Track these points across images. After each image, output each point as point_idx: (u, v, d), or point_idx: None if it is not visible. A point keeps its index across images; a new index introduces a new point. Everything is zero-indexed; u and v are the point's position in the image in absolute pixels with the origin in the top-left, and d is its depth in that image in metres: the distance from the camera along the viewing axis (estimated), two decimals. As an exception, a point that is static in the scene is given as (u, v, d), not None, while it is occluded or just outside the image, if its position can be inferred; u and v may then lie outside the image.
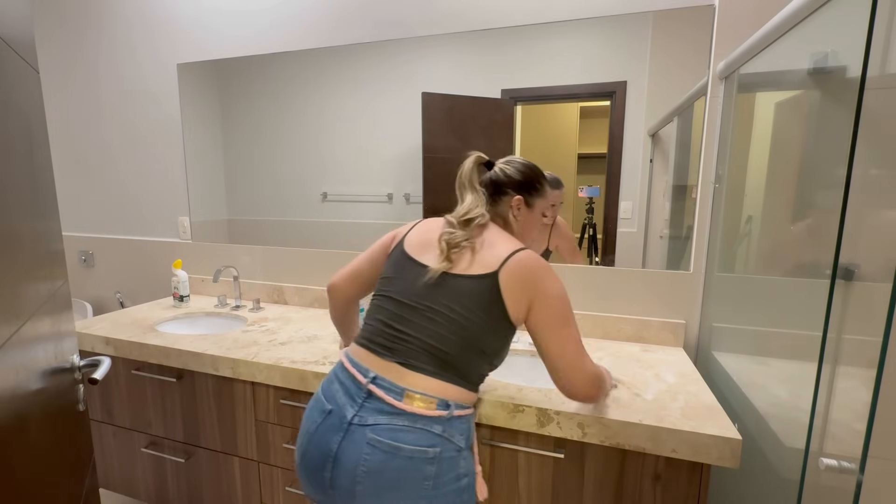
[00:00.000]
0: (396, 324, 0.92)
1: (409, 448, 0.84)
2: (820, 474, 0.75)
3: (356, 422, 0.86)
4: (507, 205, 1.01)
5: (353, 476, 0.84)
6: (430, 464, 0.84)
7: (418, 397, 0.86)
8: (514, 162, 1.04)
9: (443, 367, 0.89)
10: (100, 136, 2.18)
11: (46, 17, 2.16)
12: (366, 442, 0.84)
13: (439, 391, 0.88)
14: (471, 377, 0.92)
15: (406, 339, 0.90)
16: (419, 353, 0.89)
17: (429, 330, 0.89)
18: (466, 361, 0.90)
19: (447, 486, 0.85)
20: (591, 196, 1.54)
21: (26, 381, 0.63)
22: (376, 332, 0.94)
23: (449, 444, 0.86)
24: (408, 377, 0.88)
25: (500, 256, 0.91)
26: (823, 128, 0.89)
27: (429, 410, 0.86)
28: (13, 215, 0.62)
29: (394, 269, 0.99)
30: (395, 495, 0.84)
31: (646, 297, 1.49)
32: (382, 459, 0.83)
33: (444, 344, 0.89)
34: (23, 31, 0.73)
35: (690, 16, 1.35)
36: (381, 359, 0.91)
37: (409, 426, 0.85)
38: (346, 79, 1.75)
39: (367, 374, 0.89)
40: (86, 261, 2.30)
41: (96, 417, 1.62)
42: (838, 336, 0.74)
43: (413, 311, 0.91)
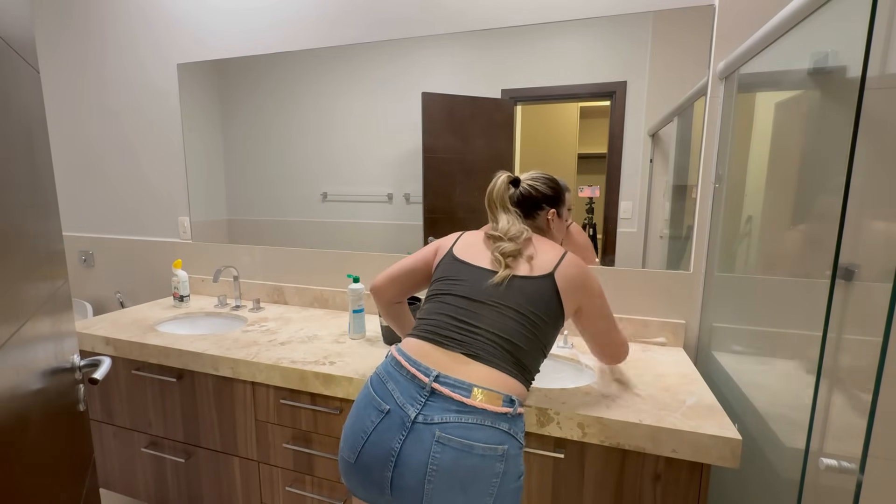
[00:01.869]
0: (466, 318, 0.94)
1: (481, 446, 0.83)
2: (820, 474, 0.75)
3: (421, 420, 0.84)
4: (544, 218, 1.10)
5: (422, 475, 0.82)
6: (500, 461, 0.84)
7: (485, 392, 0.86)
8: (540, 178, 1.11)
9: (510, 361, 0.90)
10: (100, 136, 2.18)
11: (47, 17, 2.16)
12: (434, 440, 0.83)
13: (504, 386, 0.88)
14: (531, 373, 0.95)
15: (477, 332, 0.92)
16: (489, 346, 0.90)
17: (500, 324, 0.92)
18: (531, 356, 0.94)
19: (511, 483, 0.85)
20: (591, 196, 1.54)
21: (26, 381, 0.63)
22: (442, 325, 0.94)
23: (515, 441, 0.86)
24: (474, 370, 0.88)
25: (553, 259, 0.99)
26: (823, 128, 0.89)
27: (497, 407, 0.86)
28: (13, 215, 0.62)
29: (452, 272, 1.02)
30: (465, 493, 0.83)
31: (646, 297, 1.49)
32: (454, 458, 0.82)
33: (515, 337, 0.92)
34: (23, 31, 0.73)
35: (690, 16, 1.35)
36: (446, 350, 0.91)
37: (480, 423, 0.84)
38: (346, 79, 1.75)
39: (429, 373, 0.88)
40: (86, 261, 2.30)
41: (96, 417, 1.62)
42: (838, 336, 0.74)
43: (483, 307, 0.94)
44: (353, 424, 0.91)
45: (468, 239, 1.08)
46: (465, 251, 1.05)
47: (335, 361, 1.30)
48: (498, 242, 1.00)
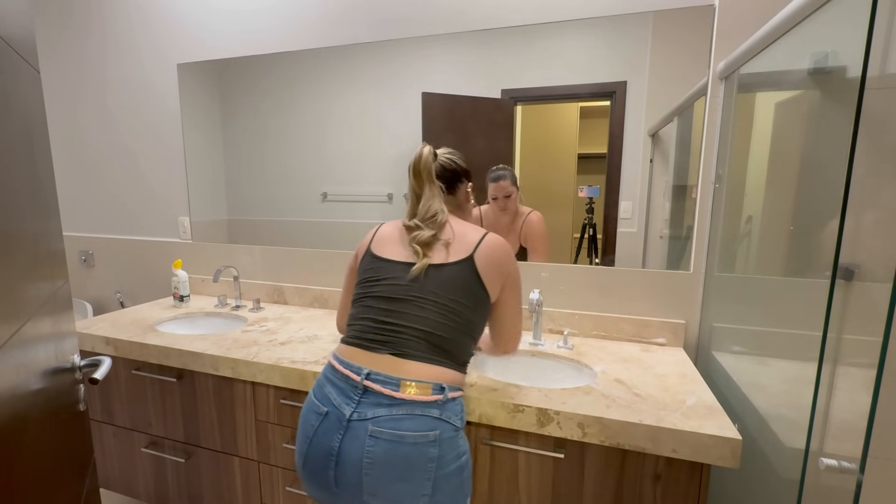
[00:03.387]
0: (387, 318, 0.95)
1: (411, 435, 0.87)
2: (820, 474, 0.75)
3: (355, 418, 0.89)
4: (464, 192, 1.11)
5: (359, 469, 0.87)
6: (433, 446, 0.88)
7: (414, 384, 0.90)
8: (454, 152, 1.12)
9: (436, 352, 0.93)
10: (100, 136, 2.18)
11: (47, 17, 2.16)
12: (367, 435, 0.87)
13: (434, 376, 0.92)
14: (461, 358, 0.98)
15: (398, 331, 0.94)
16: (413, 341, 0.93)
17: (421, 318, 0.94)
18: (458, 344, 0.96)
19: (449, 465, 0.90)
20: (591, 196, 1.54)
21: (27, 381, 0.63)
22: (366, 329, 0.97)
23: (447, 425, 0.90)
24: (402, 366, 0.91)
25: (473, 241, 0.98)
26: (823, 128, 0.89)
27: (425, 396, 0.90)
28: (14, 215, 0.62)
29: (372, 272, 1.02)
30: (403, 481, 0.87)
31: (646, 296, 1.49)
32: (387, 449, 0.87)
33: (437, 329, 0.94)
34: (23, 31, 0.73)
35: (690, 16, 1.35)
36: (374, 353, 0.94)
37: (409, 414, 0.88)
38: (346, 79, 1.75)
39: (360, 372, 0.92)
40: (86, 261, 2.30)
41: (96, 417, 1.62)
42: (838, 336, 0.74)
43: (402, 304, 0.95)
44: (300, 431, 0.96)
45: (385, 231, 1.07)
46: (382, 246, 1.04)
47: (335, 361, 1.30)
48: (414, 232, 1.00)
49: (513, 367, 1.40)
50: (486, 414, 1.08)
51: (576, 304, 1.56)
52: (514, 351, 1.12)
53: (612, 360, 1.33)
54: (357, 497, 0.89)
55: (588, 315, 1.53)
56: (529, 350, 1.41)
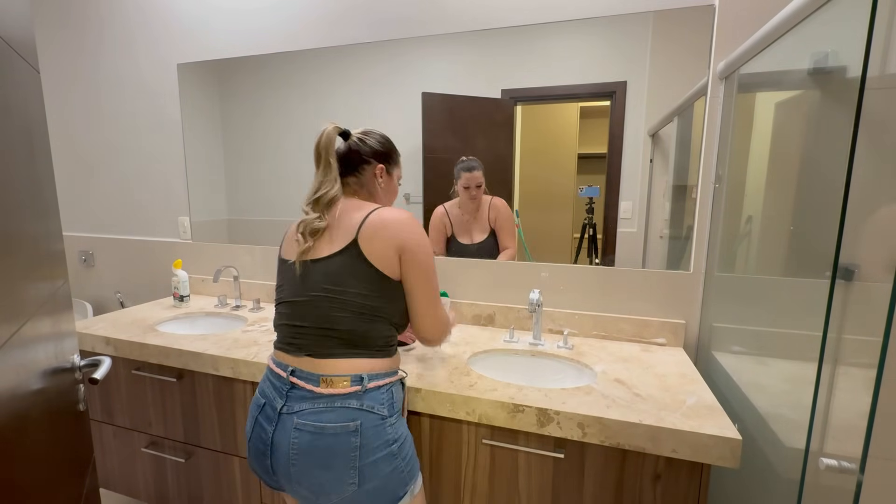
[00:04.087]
0: (294, 321, 0.99)
1: (331, 426, 0.91)
2: (820, 474, 0.75)
3: (285, 411, 0.94)
4: (371, 173, 1.07)
5: (287, 459, 0.93)
6: (354, 436, 0.91)
7: (331, 379, 0.93)
8: (374, 133, 1.09)
9: (346, 345, 0.95)
10: (100, 136, 2.18)
11: (47, 17, 2.16)
12: (293, 427, 0.92)
13: (350, 368, 0.94)
14: (376, 344, 0.98)
15: (305, 333, 0.97)
16: (320, 340, 0.96)
17: (318, 316, 0.96)
18: (365, 332, 0.96)
19: (375, 453, 0.92)
20: (591, 196, 1.54)
21: (26, 381, 0.63)
22: (283, 334, 1.01)
23: (370, 414, 0.93)
24: (319, 364, 0.95)
25: (357, 221, 0.96)
26: (823, 128, 0.89)
27: (343, 389, 0.93)
28: (14, 215, 0.62)
29: (279, 277, 1.06)
30: (327, 470, 0.91)
31: (646, 297, 1.49)
32: (309, 440, 0.91)
33: (336, 324, 0.95)
34: (23, 32, 0.73)
35: (690, 16, 1.35)
36: (293, 356, 0.98)
37: (329, 407, 0.92)
38: (346, 79, 1.75)
39: (286, 369, 0.97)
40: (86, 261, 2.30)
41: (96, 417, 1.62)
42: (838, 336, 0.74)
43: (301, 305, 0.98)
44: (247, 422, 1.03)
45: (291, 227, 1.06)
46: (286, 245, 1.06)
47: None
48: (303, 220, 0.99)
49: (513, 367, 1.40)
50: (486, 414, 1.08)
51: (576, 304, 1.56)
52: (438, 340, 1.06)
53: (612, 360, 1.33)
54: (288, 482, 0.95)
55: (588, 315, 1.53)
56: (529, 350, 1.41)
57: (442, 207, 1.69)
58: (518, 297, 1.61)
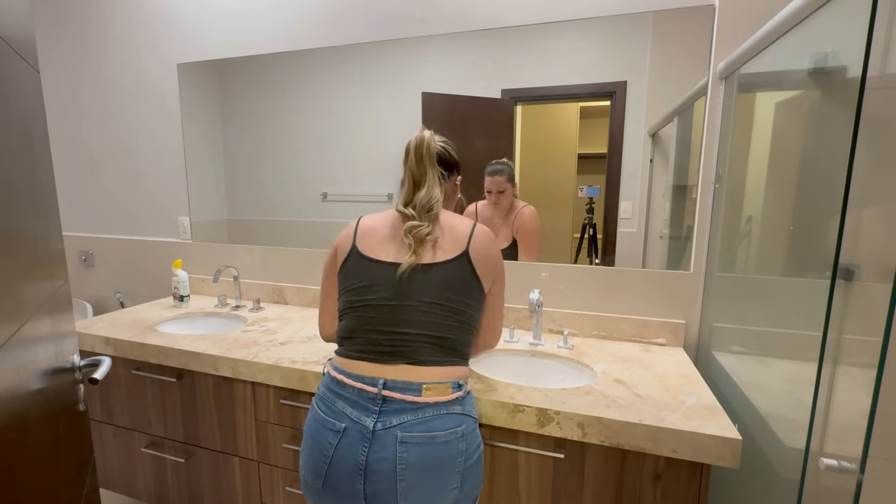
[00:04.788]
0: (394, 328, 0.92)
1: (442, 433, 0.88)
2: (820, 474, 0.75)
3: (380, 428, 0.87)
4: (453, 183, 1.09)
5: (393, 476, 0.86)
6: (462, 441, 0.89)
7: (435, 387, 0.90)
8: (448, 141, 1.08)
9: (448, 353, 0.94)
10: (100, 135, 2.18)
11: (47, 17, 2.16)
12: (398, 442, 0.86)
13: (450, 375, 0.93)
14: (466, 352, 0.99)
15: (408, 338, 0.92)
16: (425, 347, 0.92)
17: (428, 323, 0.92)
18: (464, 340, 0.97)
19: (473, 455, 0.92)
20: (591, 196, 1.54)
21: (26, 381, 0.63)
22: (372, 342, 0.93)
23: (469, 418, 0.93)
24: (419, 372, 0.91)
25: (464, 234, 0.96)
26: (823, 128, 0.89)
27: (448, 396, 0.90)
28: (14, 215, 0.62)
29: (362, 276, 0.96)
30: (435, 480, 0.87)
31: (646, 297, 1.49)
32: (420, 452, 0.86)
33: (445, 332, 0.93)
34: (23, 31, 0.73)
35: (690, 16, 1.35)
36: (386, 365, 0.91)
37: (436, 414, 0.89)
38: (346, 79, 1.75)
39: (375, 383, 0.89)
40: (86, 261, 2.30)
41: (96, 417, 1.62)
42: (838, 336, 0.74)
43: (406, 310, 0.92)
44: (312, 450, 0.92)
45: (368, 225, 1.01)
46: (369, 244, 0.98)
47: (335, 361, 1.30)
48: (410, 222, 0.94)
49: (513, 367, 1.40)
50: (486, 414, 1.08)
51: (576, 304, 1.56)
52: (495, 345, 1.11)
53: (612, 360, 1.33)
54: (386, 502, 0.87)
55: (588, 315, 1.53)
56: (529, 350, 1.41)
57: (473, 206, 1.65)
58: (518, 297, 1.61)
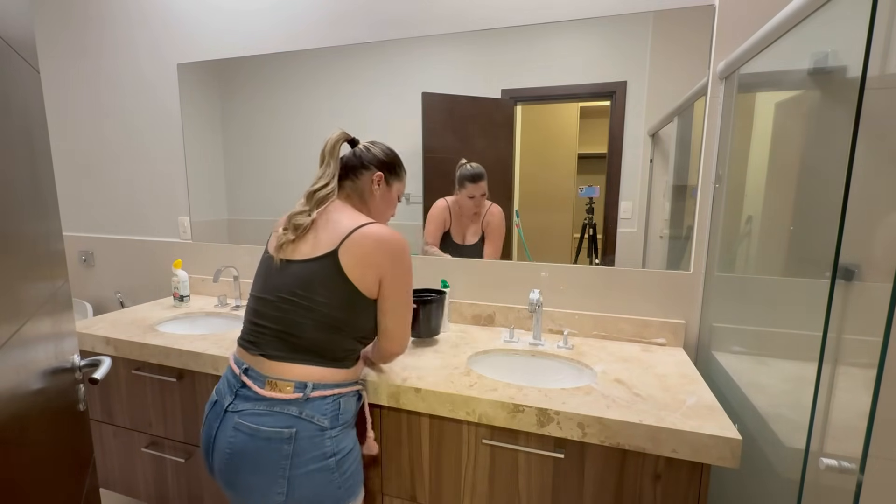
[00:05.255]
0: (256, 318, 0.99)
1: (266, 430, 0.90)
2: (820, 474, 0.75)
3: (230, 409, 0.95)
4: (368, 179, 1.06)
5: (223, 457, 0.94)
6: (287, 443, 0.89)
7: (277, 383, 0.93)
8: (381, 144, 1.11)
9: (296, 350, 0.94)
10: (100, 136, 2.18)
11: (47, 16, 2.16)
12: (232, 426, 0.93)
13: (297, 374, 0.93)
14: (334, 355, 0.96)
15: (262, 332, 0.97)
16: (273, 342, 0.95)
17: (280, 318, 0.95)
18: (323, 342, 0.95)
19: (309, 465, 0.90)
20: (591, 196, 1.55)
21: (27, 381, 0.63)
22: (245, 330, 1.02)
23: (308, 424, 0.91)
24: (268, 365, 0.95)
25: (342, 233, 0.94)
26: (823, 128, 0.89)
27: (284, 394, 0.92)
28: (14, 215, 0.62)
29: (258, 268, 1.05)
30: (255, 474, 0.91)
31: (646, 297, 1.49)
32: (244, 441, 0.91)
33: (294, 328, 0.94)
34: (23, 31, 0.73)
35: (690, 16, 1.35)
36: (249, 353, 0.98)
37: (268, 410, 0.92)
38: (346, 78, 1.75)
39: (241, 366, 0.97)
40: (86, 261, 2.30)
41: (96, 417, 1.62)
42: (838, 336, 0.74)
43: (266, 303, 0.97)
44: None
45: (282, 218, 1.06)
46: (272, 238, 1.04)
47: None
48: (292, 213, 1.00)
49: (513, 367, 1.40)
50: (486, 414, 1.08)
51: (576, 304, 1.56)
52: (392, 357, 1.09)
53: (612, 360, 1.33)
54: (224, 486, 0.96)
55: (588, 315, 1.53)
56: (529, 350, 1.41)
57: (444, 201, 1.68)
58: (518, 297, 1.61)
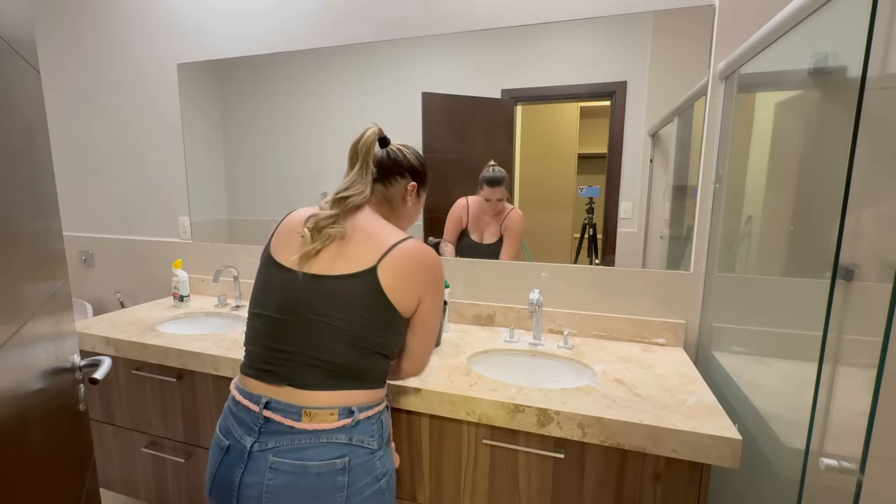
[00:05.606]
0: (277, 344, 0.86)
1: (315, 464, 0.81)
2: (820, 474, 0.75)
3: (256, 449, 0.83)
4: (402, 188, 0.98)
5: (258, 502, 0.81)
6: (342, 474, 0.81)
7: (318, 413, 0.83)
8: (412, 148, 1.02)
9: (337, 378, 0.85)
10: (100, 136, 2.18)
11: (47, 16, 2.16)
12: (268, 467, 0.81)
13: (339, 401, 0.84)
14: (370, 377, 0.88)
15: (290, 359, 0.85)
16: (308, 370, 0.84)
17: (313, 343, 0.84)
18: (361, 365, 0.86)
19: (364, 491, 0.83)
20: (591, 196, 1.54)
21: (27, 381, 0.63)
22: (258, 358, 0.88)
23: (359, 449, 0.84)
24: (303, 396, 0.84)
25: (381, 248, 0.86)
26: (823, 128, 0.89)
27: (331, 423, 0.83)
28: (14, 215, 0.62)
29: (263, 282, 0.91)
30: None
31: (646, 297, 1.49)
32: (287, 480, 0.81)
33: (332, 355, 0.84)
34: (23, 31, 0.73)
35: (691, 16, 1.35)
36: (270, 384, 0.86)
37: (313, 443, 0.82)
38: (345, 78, 1.75)
39: (258, 402, 0.85)
40: (86, 261, 2.30)
41: (96, 417, 1.62)
42: (838, 336, 0.74)
43: (291, 326, 0.85)
44: (208, 465, 0.91)
45: (292, 219, 0.93)
46: (281, 243, 0.91)
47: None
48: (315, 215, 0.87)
49: (513, 367, 1.40)
50: (486, 414, 1.08)
51: (576, 304, 1.56)
52: (410, 376, 1.02)
53: (612, 360, 1.33)
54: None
55: (588, 315, 1.53)
56: (529, 350, 1.41)
57: (465, 200, 1.67)
58: (518, 297, 1.61)
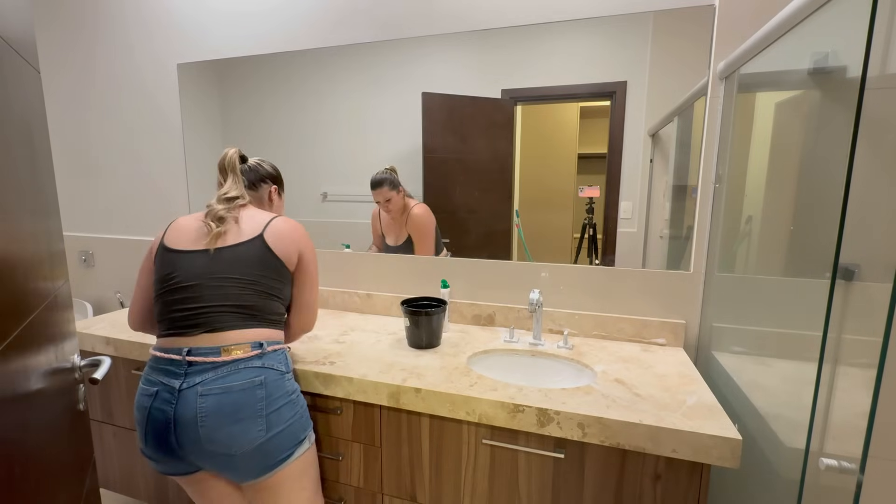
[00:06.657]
0: (192, 304, 1.05)
1: (238, 383, 1.00)
2: (820, 474, 0.75)
3: (184, 387, 1.00)
4: (267, 191, 1.29)
5: (195, 425, 0.98)
6: (260, 388, 1.02)
7: (234, 348, 1.03)
8: (267, 161, 1.32)
9: (247, 318, 1.06)
10: (100, 135, 2.18)
11: (47, 16, 2.16)
12: (198, 396, 0.99)
13: (251, 337, 1.05)
14: (271, 318, 1.11)
15: (206, 311, 1.04)
16: (223, 316, 1.04)
17: (225, 295, 1.05)
18: (265, 307, 1.09)
19: (279, 401, 1.04)
20: (591, 196, 1.55)
21: (27, 381, 0.63)
22: (176, 320, 1.05)
23: (271, 371, 1.05)
24: (219, 337, 1.03)
25: (262, 222, 1.12)
26: (823, 128, 0.89)
27: (245, 353, 1.03)
28: (14, 215, 0.62)
29: (167, 268, 1.09)
30: (237, 423, 0.99)
31: (646, 297, 1.49)
32: (217, 400, 0.99)
33: (240, 300, 1.06)
34: (23, 31, 0.73)
35: (691, 16, 1.35)
36: (189, 337, 1.03)
37: (233, 370, 1.01)
38: (346, 79, 1.75)
39: (181, 352, 1.02)
40: (86, 261, 2.30)
41: (96, 417, 1.62)
42: (838, 336, 0.74)
43: (203, 287, 1.05)
44: (137, 417, 1.05)
45: (180, 224, 1.15)
46: (175, 238, 1.11)
47: (335, 361, 1.30)
48: (211, 207, 1.12)
49: (513, 367, 1.40)
50: (486, 414, 1.08)
51: (576, 304, 1.56)
52: (306, 330, 1.22)
53: (612, 360, 1.33)
54: (199, 450, 1.00)
55: (588, 315, 1.53)
56: (529, 350, 1.41)
57: (377, 208, 1.78)
58: (518, 297, 1.61)
